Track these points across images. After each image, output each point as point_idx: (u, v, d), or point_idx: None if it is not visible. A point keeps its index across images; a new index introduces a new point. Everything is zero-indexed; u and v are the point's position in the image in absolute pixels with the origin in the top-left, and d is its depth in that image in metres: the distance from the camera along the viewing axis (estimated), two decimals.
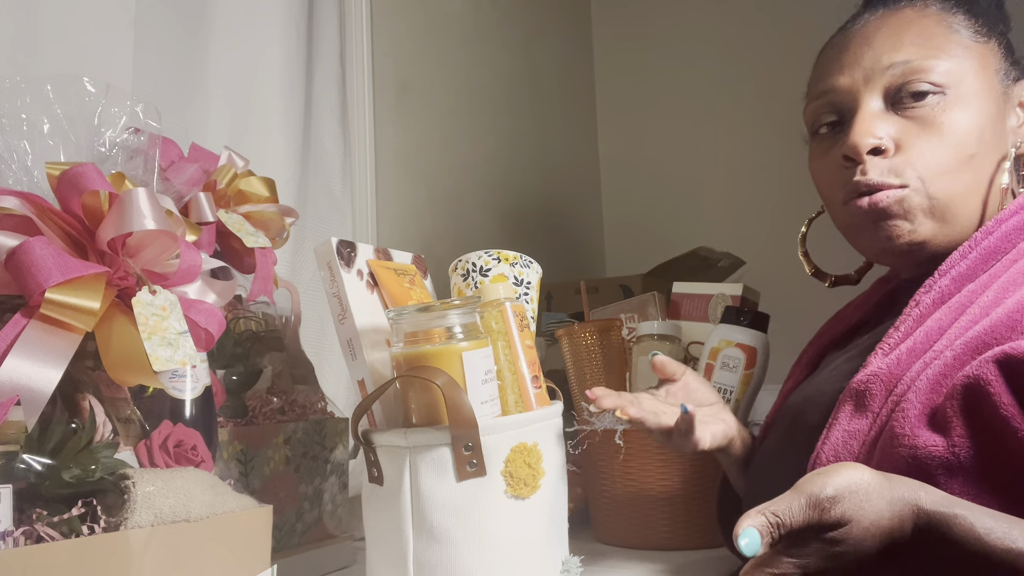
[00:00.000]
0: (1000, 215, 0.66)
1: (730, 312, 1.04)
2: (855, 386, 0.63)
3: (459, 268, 0.83)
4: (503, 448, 0.68)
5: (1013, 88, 0.71)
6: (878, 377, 0.62)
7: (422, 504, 0.66)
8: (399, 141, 1.52)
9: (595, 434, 1.06)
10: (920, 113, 0.67)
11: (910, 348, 0.63)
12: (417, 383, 0.67)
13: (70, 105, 0.67)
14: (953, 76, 0.67)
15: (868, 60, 0.69)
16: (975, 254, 0.64)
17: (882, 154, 0.68)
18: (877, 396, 0.62)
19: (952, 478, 0.55)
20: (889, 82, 0.68)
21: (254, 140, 1.17)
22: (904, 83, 0.68)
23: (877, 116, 0.68)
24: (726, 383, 1.01)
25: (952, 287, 0.64)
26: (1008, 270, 0.63)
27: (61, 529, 0.54)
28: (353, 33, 1.43)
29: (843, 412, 0.63)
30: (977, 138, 0.67)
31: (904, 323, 0.65)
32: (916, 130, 0.67)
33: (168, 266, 0.66)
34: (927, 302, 0.65)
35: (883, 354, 0.64)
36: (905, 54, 0.68)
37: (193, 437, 0.64)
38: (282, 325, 0.99)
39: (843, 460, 0.61)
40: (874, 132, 0.68)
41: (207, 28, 1.14)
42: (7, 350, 0.55)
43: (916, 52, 0.67)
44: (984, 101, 0.68)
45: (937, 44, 0.68)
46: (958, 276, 0.64)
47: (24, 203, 0.60)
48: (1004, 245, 0.64)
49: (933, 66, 0.67)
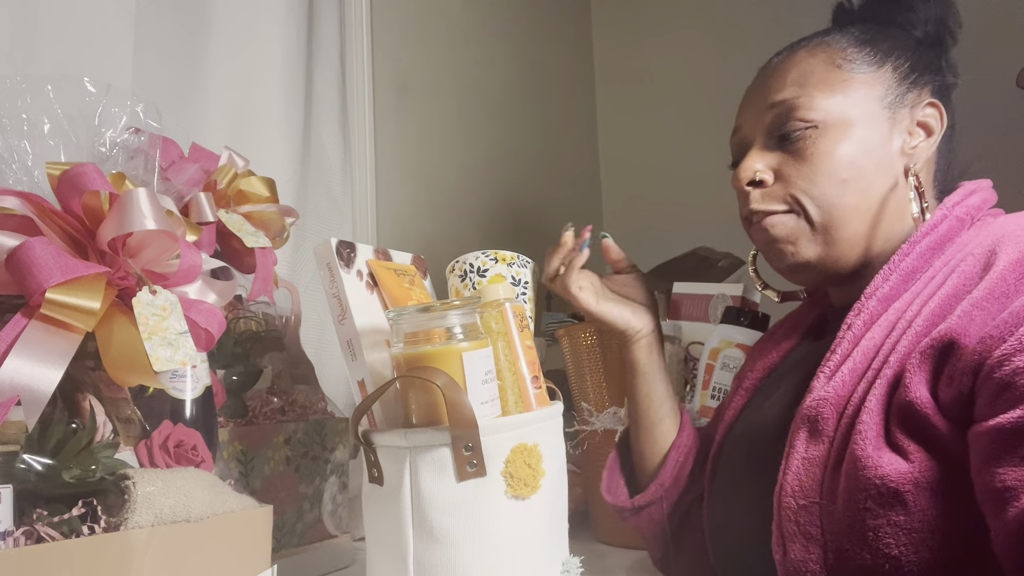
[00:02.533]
0: (914, 237, 0.69)
1: (730, 312, 1.04)
2: (806, 412, 0.65)
3: (456, 269, 0.83)
4: (503, 448, 0.68)
5: (904, 110, 0.74)
6: (827, 401, 0.64)
7: (422, 504, 0.66)
8: (399, 141, 1.52)
9: (595, 434, 1.06)
10: (795, 147, 0.73)
11: (851, 368, 0.65)
12: (417, 383, 0.67)
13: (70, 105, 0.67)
14: (825, 111, 0.72)
15: (760, 101, 0.77)
16: (896, 275, 0.68)
17: (760, 185, 0.75)
18: (829, 420, 0.63)
19: (920, 492, 0.56)
20: (770, 120, 0.75)
21: (254, 140, 1.17)
22: (781, 121, 0.74)
23: (759, 152, 0.76)
24: (726, 383, 1.01)
25: (879, 307, 0.67)
26: (926, 287, 0.66)
27: (61, 529, 0.54)
28: (353, 33, 1.43)
29: (799, 439, 0.64)
30: (848, 164, 0.71)
31: (840, 346, 0.67)
32: (791, 161, 0.74)
33: (168, 266, 0.66)
34: (859, 324, 0.67)
35: (826, 377, 0.66)
36: (785, 94, 0.74)
37: (193, 437, 0.64)
38: (282, 325, 0.99)
39: (806, 487, 0.62)
40: (753, 167, 0.75)
41: (207, 28, 1.14)
42: (7, 350, 0.55)
43: (794, 92, 0.74)
44: (860, 128, 0.72)
45: (813, 82, 0.73)
46: (883, 297, 0.68)
47: (25, 203, 0.60)
48: (921, 265, 0.68)
49: (806, 103, 0.73)
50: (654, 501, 0.85)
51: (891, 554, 0.56)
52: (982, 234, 0.68)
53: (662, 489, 0.84)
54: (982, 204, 0.72)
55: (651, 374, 0.87)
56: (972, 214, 0.70)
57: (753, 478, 0.71)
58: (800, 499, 0.62)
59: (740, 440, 0.77)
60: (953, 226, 0.69)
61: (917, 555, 0.56)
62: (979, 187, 0.73)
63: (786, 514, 0.62)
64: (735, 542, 0.74)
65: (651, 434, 0.87)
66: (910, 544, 0.56)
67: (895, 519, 0.56)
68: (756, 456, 0.72)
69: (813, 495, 0.61)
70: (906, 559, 0.56)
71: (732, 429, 0.80)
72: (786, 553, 0.62)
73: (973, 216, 0.70)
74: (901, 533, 0.56)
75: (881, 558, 0.57)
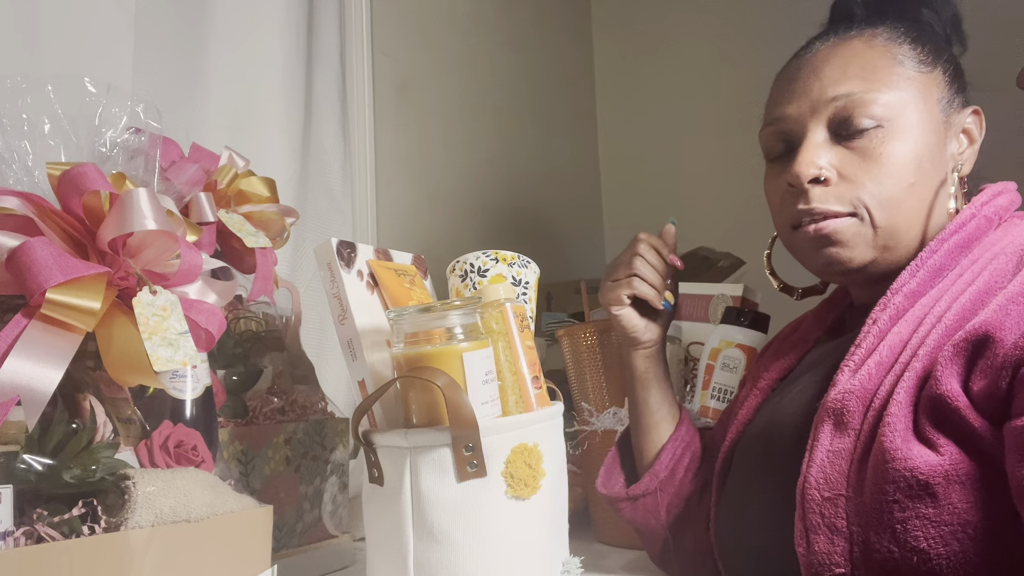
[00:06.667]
0: (941, 235, 0.69)
1: (730, 313, 1.04)
2: (831, 404, 0.64)
3: (457, 269, 0.83)
4: (503, 449, 0.68)
5: (955, 115, 0.73)
6: (853, 394, 0.63)
7: (422, 505, 0.66)
8: (399, 141, 1.52)
9: (595, 434, 1.06)
10: (861, 144, 0.70)
11: (878, 362, 0.64)
12: (417, 384, 0.67)
13: (71, 105, 0.66)
14: (893, 109, 0.70)
15: (815, 91, 0.72)
16: (923, 272, 0.67)
17: (823, 183, 0.71)
18: (856, 412, 0.63)
19: (951, 486, 0.56)
20: (833, 114, 0.71)
21: (254, 140, 1.17)
22: (847, 116, 0.70)
23: (820, 146, 0.71)
24: (726, 384, 1.01)
25: (906, 303, 0.67)
26: (954, 284, 0.66)
27: (62, 529, 0.54)
28: (353, 33, 1.43)
29: (823, 432, 0.64)
30: (915, 167, 0.70)
31: (865, 340, 0.67)
32: (858, 161, 0.70)
33: (169, 266, 0.66)
34: (884, 319, 0.67)
35: (851, 371, 0.65)
36: (849, 87, 0.71)
37: (193, 437, 0.64)
38: (282, 325, 0.99)
39: (832, 480, 0.62)
40: (816, 162, 0.71)
41: (207, 28, 1.14)
42: (8, 350, 0.55)
43: (859, 85, 0.70)
44: (923, 131, 0.71)
45: (880, 77, 0.71)
46: (910, 293, 0.67)
47: (25, 203, 0.60)
48: (948, 262, 0.68)
49: (874, 99, 0.70)
50: (648, 492, 0.85)
51: (919, 547, 0.56)
52: (1012, 233, 0.68)
53: (656, 480, 0.84)
54: (1009, 205, 0.72)
55: (651, 381, 0.87)
56: (1000, 214, 0.70)
57: (769, 474, 0.71)
58: (825, 491, 0.61)
59: (756, 438, 0.76)
60: (981, 225, 0.69)
61: (946, 548, 0.55)
62: (1006, 188, 0.73)
63: (810, 506, 0.62)
64: (747, 540, 0.74)
65: (648, 435, 0.87)
66: (938, 537, 0.55)
67: (924, 512, 0.56)
68: (773, 452, 0.72)
69: (839, 487, 0.61)
70: (934, 552, 0.56)
71: (747, 428, 0.80)
72: (810, 546, 0.61)
73: (1001, 216, 0.70)
74: (930, 526, 0.56)
75: (909, 551, 0.56)
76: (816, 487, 0.62)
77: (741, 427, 0.81)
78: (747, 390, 0.85)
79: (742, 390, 0.88)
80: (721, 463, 0.80)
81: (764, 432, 0.75)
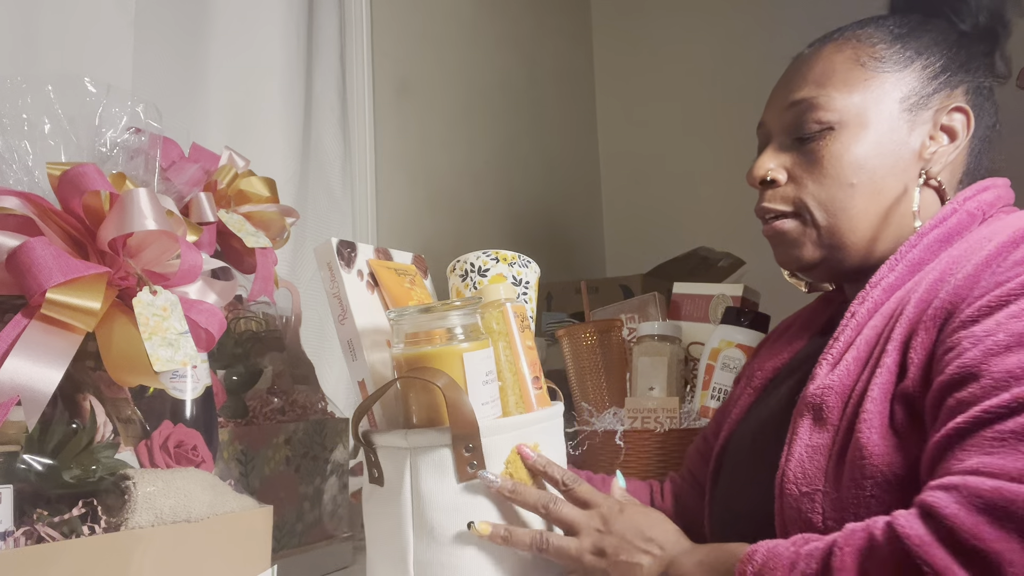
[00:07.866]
0: (922, 229, 0.69)
1: (731, 313, 1.04)
2: (809, 399, 0.65)
3: (457, 269, 0.83)
4: (504, 449, 0.68)
5: (928, 112, 0.72)
6: (831, 389, 0.64)
7: (423, 505, 0.66)
8: (399, 141, 1.52)
9: (595, 434, 1.06)
10: (810, 147, 0.72)
11: (855, 357, 0.64)
12: (418, 384, 0.67)
13: (71, 105, 0.66)
14: (844, 112, 0.71)
15: (780, 98, 0.76)
16: (902, 266, 0.68)
17: (772, 184, 0.74)
18: (834, 408, 0.63)
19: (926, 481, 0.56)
20: (789, 120, 0.74)
21: (254, 140, 1.17)
22: (800, 121, 0.73)
23: (774, 151, 0.75)
24: (727, 384, 1.01)
25: (883, 296, 0.67)
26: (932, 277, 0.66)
27: (62, 529, 0.54)
28: (353, 33, 1.43)
29: (802, 426, 0.64)
30: (857, 168, 0.70)
31: (843, 333, 0.67)
32: (804, 163, 0.73)
33: (169, 266, 0.66)
34: (862, 312, 0.67)
35: (829, 366, 0.66)
36: (804, 92, 0.73)
37: (193, 437, 0.64)
38: (282, 325, 0.99)
39: (810, 475, 0.62)
40: (766, 165, 0.75)
41: (207, 28, 1.14)
42: (8, 350, 0.55)
43: (813, 90, 0.72)
44: (877, 131, 0.71)
45: (834, 81, 0.72)
46: (888, 286, 0.68)
47: (25, 203, 0.60)
48: (927, 256, 0.68)
49: (824, 103, 0.71)
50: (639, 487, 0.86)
51: None
52: (993, 227, 0.67)
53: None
54: (995, 201, 0.70)
55: None
56: (984, 210, 0.69)
57: (757, 468, 0.71)
58: (803, 486, 0.62)
59: (746, 434, 0.77)
60: (963, 220, 0.68)
61: None
62: (994, 184, 0.72)
63: (788, 501, 0.62)
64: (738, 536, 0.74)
65: None
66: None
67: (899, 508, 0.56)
68: (761, 447, 0.72)
69: (816, 483, 0.61)
70: None
71: (740, 426, 0.80)
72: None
73: (985, 212, 0.69)
74: None
75: None
76: (794, 481, 0.62)
77: (734, 425, 0.81)
78: (741, 388, 0.85)
79: (736, 388, 0.88)
80: (715, 460, 0.81)
81: (753, 429, 0.76)
